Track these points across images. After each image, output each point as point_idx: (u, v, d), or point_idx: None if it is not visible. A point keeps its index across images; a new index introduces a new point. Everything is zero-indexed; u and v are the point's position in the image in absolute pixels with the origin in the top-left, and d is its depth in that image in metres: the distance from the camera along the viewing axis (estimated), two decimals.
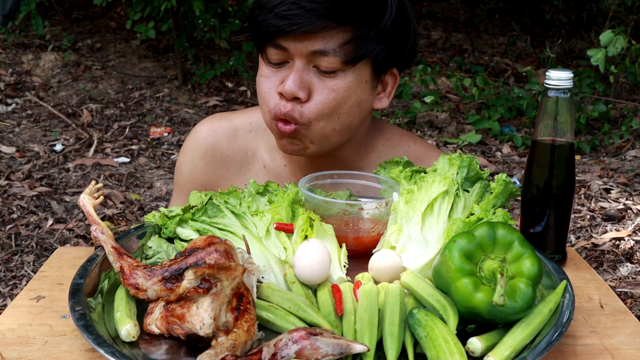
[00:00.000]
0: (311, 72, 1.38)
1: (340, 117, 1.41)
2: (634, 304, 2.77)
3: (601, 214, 3.51)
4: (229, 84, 5.47)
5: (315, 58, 1.36)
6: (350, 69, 1.38)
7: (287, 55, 1.38)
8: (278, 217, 1.26)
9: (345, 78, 1.38)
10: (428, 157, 1.60)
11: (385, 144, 1.60)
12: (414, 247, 1.20)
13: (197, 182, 1.65)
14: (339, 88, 1.38)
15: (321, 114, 1.38)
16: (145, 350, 1.01)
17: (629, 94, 5.19)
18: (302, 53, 1.36)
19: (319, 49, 1.35)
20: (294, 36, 1.34)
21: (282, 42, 1.36)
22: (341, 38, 1.35)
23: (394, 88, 1.49)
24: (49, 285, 1.24)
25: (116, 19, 6.39)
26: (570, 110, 1.30)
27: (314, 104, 1.38)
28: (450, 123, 4.85)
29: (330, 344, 0.94)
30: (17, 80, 5.45)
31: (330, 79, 1.38)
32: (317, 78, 1.38)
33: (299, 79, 1.36)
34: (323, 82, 1.38)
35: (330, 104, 1.38)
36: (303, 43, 1.35)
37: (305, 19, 1.32)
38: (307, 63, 1.37)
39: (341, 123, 1.42)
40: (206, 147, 1.64)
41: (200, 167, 1.65)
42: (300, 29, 1.32)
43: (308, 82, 1.38)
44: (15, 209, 3.55)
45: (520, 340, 0.99)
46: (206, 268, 0.95)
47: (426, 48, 6.27)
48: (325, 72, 1.37)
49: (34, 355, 1.02)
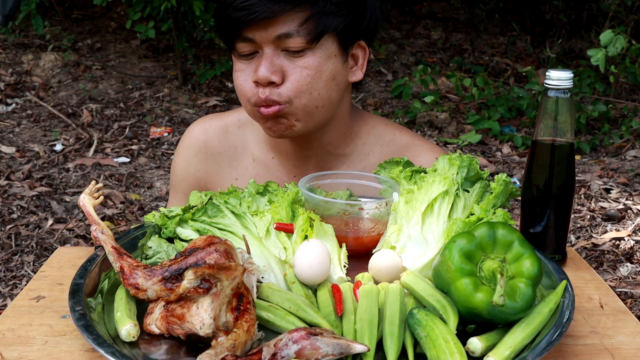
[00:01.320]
0: (281, 55, 1.43)
1: (320, 93, 1.45)
2: (634, 304, 2.77)
3: (601, 214, 3.51)
4: (229, 84, 5.47)
5: (281, 42, 1.41)
6: (317, 46, 1.43)
7: (255, 46, 1.43)
8: (278, 217, 1.26)
9: (313, 55, 1.43)
10: (414, 146, 1.63)
11: (370, 132, 1.64)
12: (414, 247, 1.20)
13: (192, 180, 1.72)
14: (310, 65, 1.43)
15: (299, 91, 1.43)
16: (145, 350, 1.01)
17: (629, 94, 5.19)
18: (268, 40, 1.41)
19: (282, 33, 1.40)
20: (257, 25, 1.40)
21: (247, 34, 1.42)
22: (300, 17, 1.41)
23: (365, 60, 1.54)
24: (49, 285, 1.24)
25: (116, 19, 6.39)
26: (570, 110, 1.30)
27: (290, 83, 1.43)
28: (450, 123, 4.85)
29: (330, 344, 0.94)
30: (17, 80, 5.45)
31: (300, 58, 1.43)
32: (287, 60, 1.43)
33: (269, 64, 1.42)
34: (294, 63, 1.43)
35: (306, 81, 1.43)
36: (267, 30, 1.41)
37: (261, 6, 1.38)
38: (275, 48, 1.42)
39: (322, 99, 1.46)
40: (199, 145, 1.70)
41: (194, 165, 1.71)
42: (259, 16, 1.39)
43: (279, 65, 1.42)
44: (15, 209, 3.55)
45: (520, 340, 0.99)
46: (206, 268, 0.95)
47: (426, 48, 6.27)
48: (294, 52, 1.42)
49: (34, 355, 1.02)
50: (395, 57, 6.08)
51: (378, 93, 5.51)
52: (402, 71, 5.85)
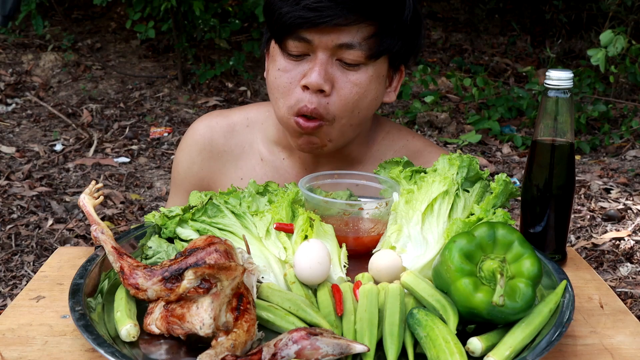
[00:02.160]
0: (334, 65, 1.37)
1: (360, 112, 1.42)
2: (634, 304, 2.77)
3: (601, 214, 3.51)
4: (229, 84, 5.47)
5: (339, 51, 1.36)
6: (372, 63, 1.38)
7: (309, 48, 1.37)
8: (278, 217, 1.26)
9: (366, 72, 1.39)
10: (427, 152, 1.61)
11: (385, 137, 1.61)
12: (414, 247, 1.20)
13: (195, 179, 1.66)
14: (362, 82, 1.38)
15: (345, 109, 1.39)
16: (145, 350, 1.01)
17: (629, 94, 5.19)
18: (327, 46, 1.35)
19: (345, 42, 1.35)
20: (321, 29, 1.33)
21: (307, 35, 1.35)
22: (366, 32, 1.36)
23: (400, 82, 1.51)
24: (49, 285, 1.24)
25: (116, 19, 6.39)
26: (570, 110, 1.30)
27: (338, 98, 1.38)
28: (450, 123, 4.85)
29: (330, 344, 0.94)
30: (17, 80, 5.45)
31: (353, 72, 1.38)
32: (339, 72, 1.38)
33: (324, 71, 1.36)
34: (346, 76, 1.38)
35: (353, 98, 1.39)
36: (330, 36, 1.34)
37: (335, 11, 1.32)
38: (331, 56, 1.37)
39: (360, 118, 1.43)
40: (204, 143, 1.64)
41: (198, 163, 1.65)
42: (331, 21, 1.32)
43: (331, 75, 1.37)
44: (15, 209, 3.55)
45: (521, 340, 0.99)
46: (206, 268, 0.95)
47: (426, 48, 6.27)
48: (349, 65, 1.37)
49: (34, 355, 1.02)
50: None
51: None
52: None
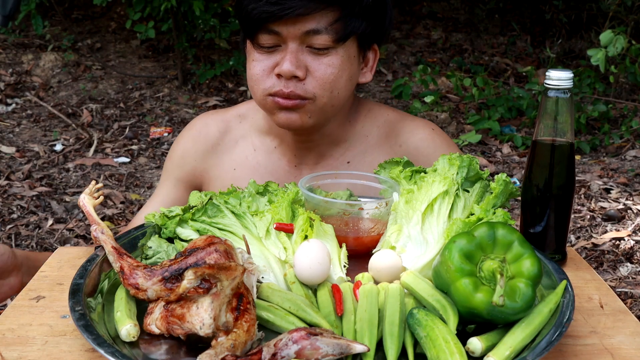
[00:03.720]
0: (305, 52, 1.44)
1: (339, 92, 1.48)
2: (634, 304, 2.77)
3: (601, 214, 3.51)
4: (229, 84, 5.47)
5: (308, 38, 1.42)
6: (340, 46, 1.45)
7: (279, 39, 1.43)
8: (278, 217, 1.26)
9: (337, 54, 1.45)
10: (407, 121, 1.67)
11: (367, 115, 1.67)
12: (414, 247, 1.20)
13: (187, 167, 1.72)
14: (334, 64, 1.45)
15: (323, 88, 1.45)
16: (145, 350, 1.01)
17: (629, 94, 5.19)
18: (295, 35, 1.42)
19: (312, 29, 1.41)
20: (286, 20, 1.40)
21: (274, 27, 1.42)
22: (330, 17, 1.42)
23: (375, 62, 1.58)
24: (49, 285, 1.24)
25: (116, 19, 6.39)
26: (570, 110, 1.30)
27: (315, 79, 1.44)
28: (450, 123, 4.85)
29: (330, 344, 0.94)
30: (17, 80, 5.45)
31: (324, 56, 1.44)
32: (311, 57, 1.44)
33: (295, 59, 1.42)
34: (319, 60, 1.44)
35: (329, 79, 1.45)
36: (295, 25, 1.41)
37: (297, 2, 1.39)
38: (300, 44, 1.43)
39: (339, 98, 1.49)
40: (199, 135, 1.72)
41: (192, 153, 1.72)
42: (294, 12, 1.39)
43: (304, 61, 1.44)
44: (15, 209, 3.55)
45: (520, 340, 0.99)
46: (206, 268, 0.95)
47: (426, 48, 6.27)
48: (319, 49, 1.43)
49: (34, 355, 1.02)
50: (395, 57, 6.08)
51: (378, 93, 5.51)
52: (402, 71, 5.85)
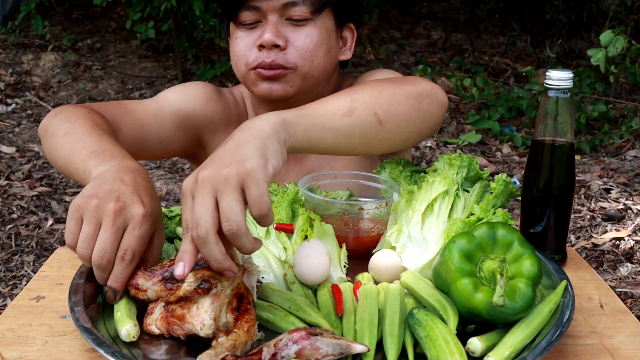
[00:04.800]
0: (284, 25, 1.52)
1: (319, 62, 1.54)
2: (634, 304, 2.77)
3: (601, 214, 3.51)
4: (229, 84, 5.47)
5: (286, 10, 1.50)
6: (318, 18, 1.53)
7: (259, 14, 1.51)
8: (278, 217, 1.26)
9: (315, 25, 1.53)
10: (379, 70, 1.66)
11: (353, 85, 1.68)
12: (414, 247, 1.20)
13: (186, 109, 1.61)
14: (313, 34, 1.53)
15: (304, 57, 1.52)
16: (145, 350, 1.01)
17: (629, 94, 5.19)
18: (274, 8, 1.50)
19: (290, 1, 1.50)
20: None
21: (254, 2, 1.50)
22: None
23: (353, 42, 1.66)
24: (49, 285, 1.24)
25: (116, 19, 6.39)
26: (570, 110, 1.30)
27: (295, 49, 1.52)
28: (450, 123, 4.85)
29: (330, 344, 0.94)
30: (17, 80, 5.45)
31: (303, 27, 1.52)
32: (290, 29, 1.52)
33: (275, 30, 1.50)
34: (298, 31, 1.52)
35: (309, 47, 1.52)
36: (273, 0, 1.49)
37: None
38: (280, 17, 1.51)
39: (319, 69, 1.55)
40: (203, 91, 1.65)
41: (199, 104, 1.64)
42: None
43: (283, 33, 1.51)
44: (15, 209, 3.55)
45: (520, 340, 0.99)
46: (205, 270, 0.95)
47: (426, 48, 6.27)
48: (298, 21, 1.51)
49: (34, 355, 1.02)
50: (395, 57, 6.08)
51: None
52: (402, 71, 5.85)
